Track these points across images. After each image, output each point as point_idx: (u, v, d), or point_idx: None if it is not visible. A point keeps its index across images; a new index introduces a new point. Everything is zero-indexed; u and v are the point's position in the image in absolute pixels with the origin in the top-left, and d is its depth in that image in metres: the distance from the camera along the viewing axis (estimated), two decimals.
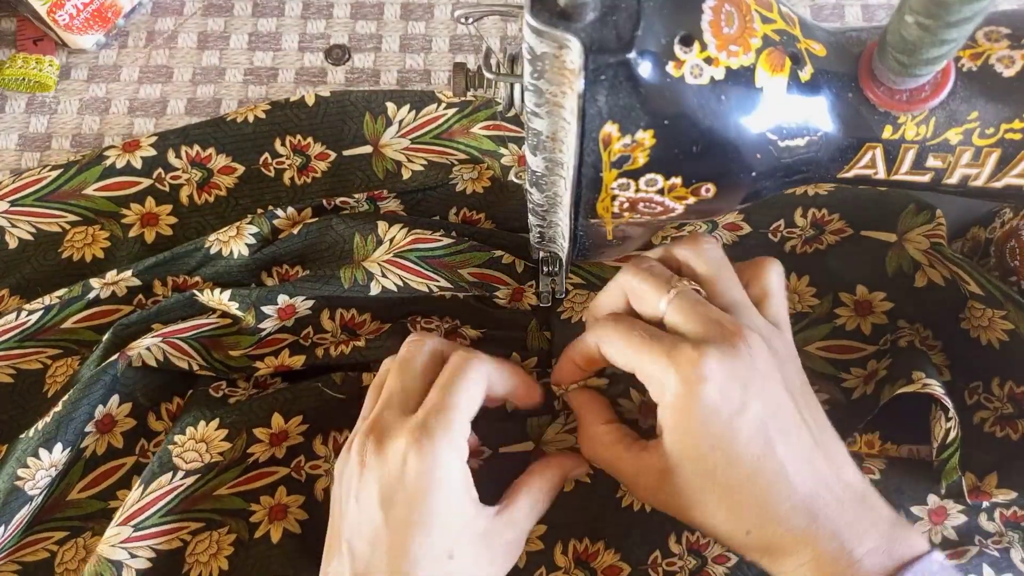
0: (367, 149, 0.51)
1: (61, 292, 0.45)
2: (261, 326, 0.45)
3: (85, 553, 0.42)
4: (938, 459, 0.41)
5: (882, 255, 0.45)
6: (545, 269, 0.45)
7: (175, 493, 0.41)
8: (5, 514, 0.40)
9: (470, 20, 0.30)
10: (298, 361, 0.44)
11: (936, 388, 0.40)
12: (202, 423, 0.42)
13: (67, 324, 0.46)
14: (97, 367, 0.43)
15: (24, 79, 0.52)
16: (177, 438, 0.42)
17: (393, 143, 0.51)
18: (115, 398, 0.44)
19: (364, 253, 0.46)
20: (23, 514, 0.41)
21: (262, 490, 0.43)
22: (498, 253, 0.46)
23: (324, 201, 0.48)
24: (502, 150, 0.50)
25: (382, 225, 0.46)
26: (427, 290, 0.45)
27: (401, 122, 0.51)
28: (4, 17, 0.55)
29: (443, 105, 0.51)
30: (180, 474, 0.41)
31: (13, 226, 0.48)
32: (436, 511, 0.34)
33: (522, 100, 0.29)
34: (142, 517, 0.41)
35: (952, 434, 0.40)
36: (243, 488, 0.43)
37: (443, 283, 0.45)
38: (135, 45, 0.55)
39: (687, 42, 0.27)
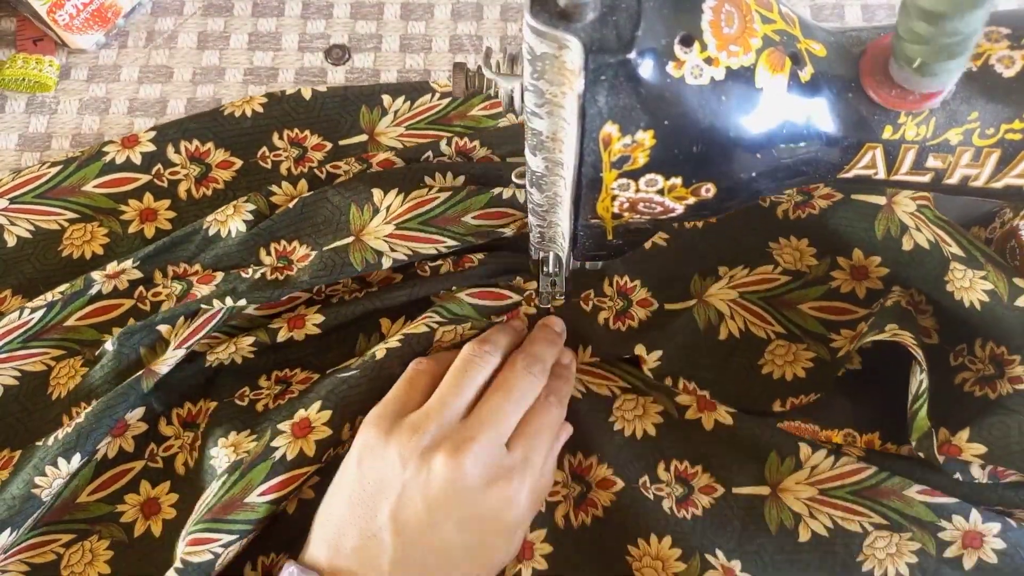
0: (363, 137, 0.51)
1: (63, 287, 0.45)
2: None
3: (91, 557, 0.42)
4: (910, 410, 0.41)
5: (872, 218, 0.45)
6: (545, 269, 0.45)
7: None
8: (19, 520, 0.41)
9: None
10: (313, 311, 0.45)
11: (908, 338, 0.40)
12: (233, 433, 0.43)
13: (70, 322, 0.46)
14: (121, 381, 0.43)
15: (24, 79, 0.52)
16: (214, 451, 0.43)
17: (389, 131, 0.51)
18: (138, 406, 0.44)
19: (361, 223, 0.45)
20: (35, 518, 0.42)
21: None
22: (497, 190, 0.46)
23: (316, 170, 0.48)
24: (501, 122, 0.50)
25: (377, 193, 0.46)
26: (435, 252, 0.45)
27: (397, 112, 0.52)
28: (4, 17, 0.55)
29: (437, 95, 0.52)
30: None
31: (12, 224, 0.49)
32: (495, 551, 0.38)
33: (522, 100, 0.29)
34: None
35: (923, 386, 0.40)
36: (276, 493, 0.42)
37: (449, 242, 0.45)
38: (135, 45, 0.55)
39: (687, 42, 0.27)
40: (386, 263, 0.45)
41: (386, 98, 0.52)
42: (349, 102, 0.52)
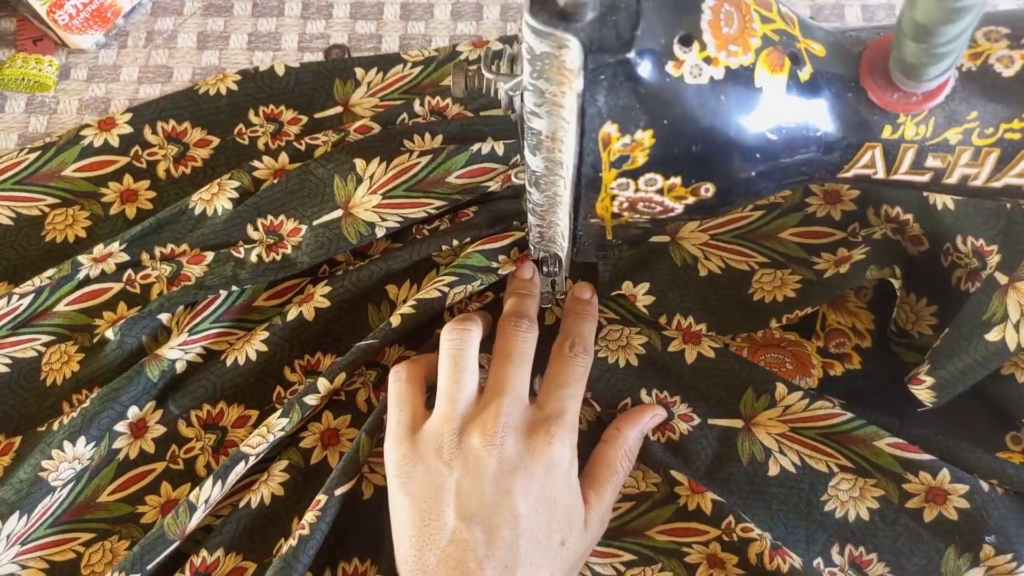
0: (337, 109, 0.52)
1: (51, 272, 0.46)
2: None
3: (112, 556, 0.43)
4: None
5: None
6: (545, 269, 0.45)
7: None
8: (28, 504, 0.41)
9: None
10: (324, 291, 0.45)
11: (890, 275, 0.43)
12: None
13: (59, 307, 0.46)
14: (124, 370, 0.44)
15: (24, 79, 0.52)
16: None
17: (363, 102, 0.52)
18: (151, 403, 0.44)
19: (346, 194, 0.46)
20: (45, 504, 0.42)
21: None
22: (476, 147, 0.46)
23: (295, 142, 0.49)
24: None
25: (359, 163, 0.46)
26: (426, 215, 0.46)
27: (370, 83, 0.52)
28: (4, 17, 0.55)
29: (409, 64, 0.53)
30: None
31: None
32: (559, 502, 0.38)
33: (522, 100, 0.29)
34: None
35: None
36: None
37: (437, 202, 0.46)
38: (135, 45, 0.55)
39: (686, 42, 0.27)
40: (379, 232, 0.46)
41: (359, 71, 0.53)
42: (322, 76, 0.52)
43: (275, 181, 0.47)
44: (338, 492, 0.41)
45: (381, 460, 0.41)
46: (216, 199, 0.47)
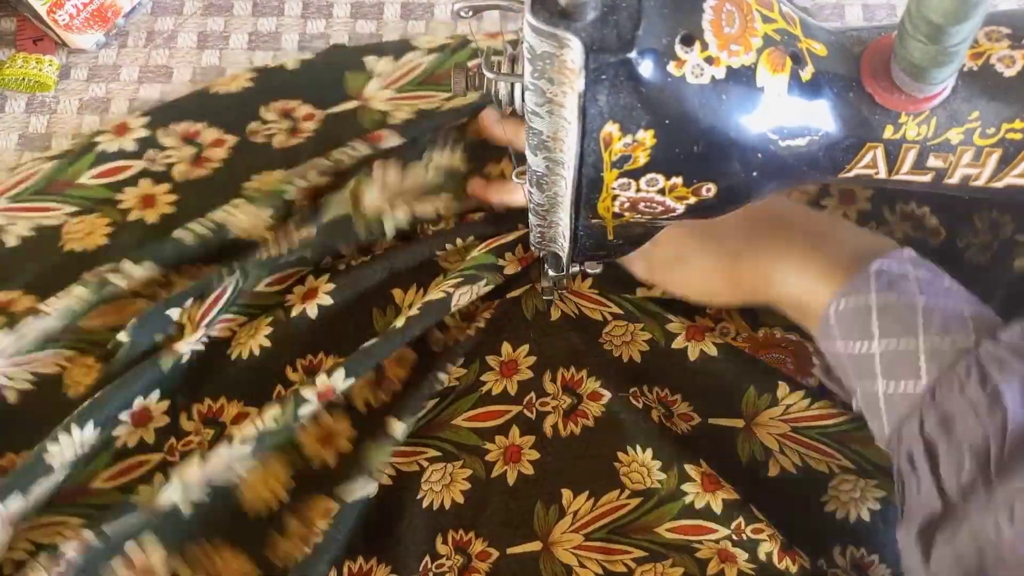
0: (353, 104, 0.52)
1: (83, 293, 0.45)
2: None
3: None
4: None
5: None
6: (546, 269, 0.45)
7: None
8: (23, 480, 0.41)
9: (469, 14, 0.30)
10: (324, 281, 0.45)
11: None
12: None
13: (84, 323, 0.46)
14: (140, 362, 0.44)
15: (24, 79, 0.52)
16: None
17: (378, 95, 0.52)
18: (156, 393, 0.44)
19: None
20: (41, 485, 0.41)
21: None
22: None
23: (325, 159, 0.48)
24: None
25: (370, 60, 0.49)
26: (433, 208, 0.47)
27: (382, 74, 0.52)
28: (4, 17, 0.55)
29: (421, 52, 0.53)
30: None
31: (12, 224, 0.48)
32: None
33: (523, 100, 0.29)
34: None
35: None
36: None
37: (443, 194, 0.47)
38: (135, 45, 0.55)
39: (688, 42, 0.27)
40: (388, 224, 0.46)
41: (369, 60, 0.53)
42: (333, 67, 0.53)
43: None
44: (350, 500, 0.41)
45: (386, 462, 0.41)
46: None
